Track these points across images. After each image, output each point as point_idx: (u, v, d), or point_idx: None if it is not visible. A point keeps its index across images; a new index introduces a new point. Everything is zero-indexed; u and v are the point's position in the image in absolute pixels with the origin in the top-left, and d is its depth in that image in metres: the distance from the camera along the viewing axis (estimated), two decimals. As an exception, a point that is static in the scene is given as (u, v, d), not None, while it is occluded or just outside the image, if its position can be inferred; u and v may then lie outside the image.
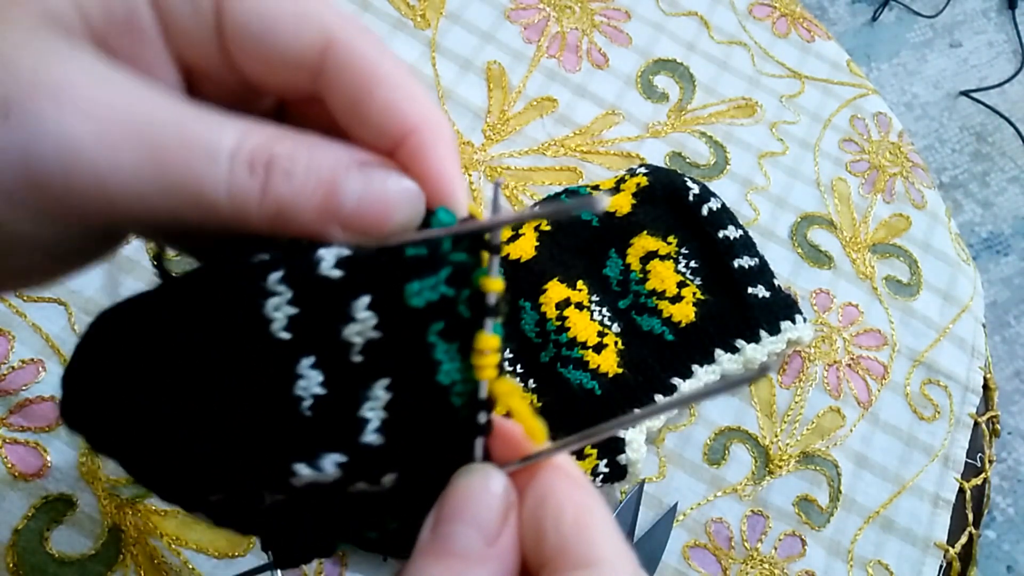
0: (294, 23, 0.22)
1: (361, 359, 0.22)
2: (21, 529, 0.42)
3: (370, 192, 0.21)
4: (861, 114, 0.66)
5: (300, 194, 0.20)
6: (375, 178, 0.21)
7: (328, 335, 0.21)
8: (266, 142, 0.20)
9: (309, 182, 0.20)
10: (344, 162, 0.21)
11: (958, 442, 0.56)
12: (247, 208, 0.20)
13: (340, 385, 0.21)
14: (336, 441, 0.21)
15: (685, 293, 0.52)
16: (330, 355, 0.21)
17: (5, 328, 0.46)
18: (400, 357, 0.22)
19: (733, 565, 0.49)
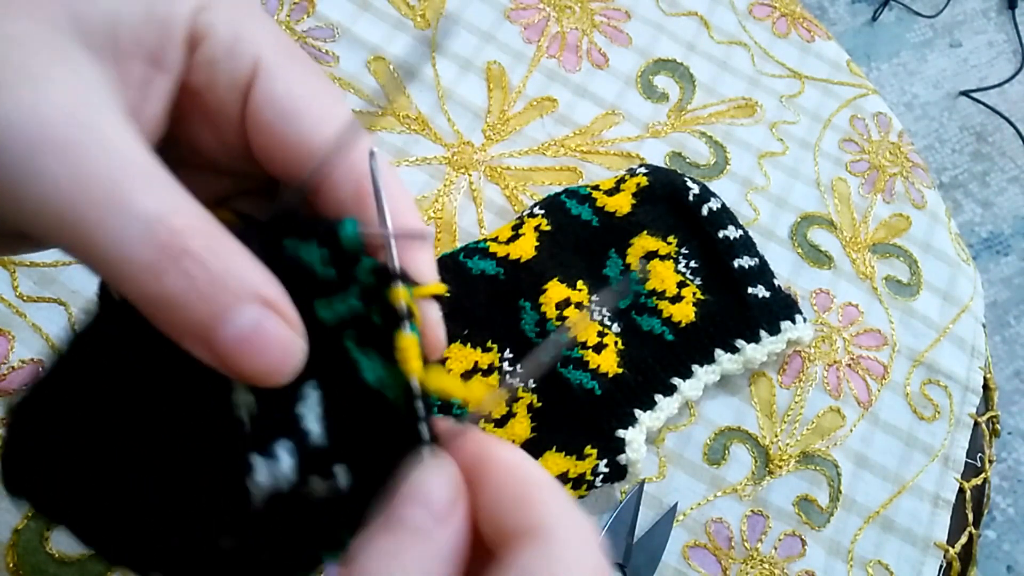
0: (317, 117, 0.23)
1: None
2: (21, 529, 0.42)
3: (253, 334, 0.20)
4: (861, 114, 0.66)
5: (186, 299, 0.20)
6: (267, 322, 0.20)
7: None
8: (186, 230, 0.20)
9: (204, 294, 0.20)
10: (249, 291, 0.20)
11: (958, 442, 0.56)
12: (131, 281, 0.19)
13: (272, 402, 0.22)
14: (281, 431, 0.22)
15: (685, 293, 0.52)
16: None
17: (5, 328, 0.45)
18: (321, 361, 0.22)
19: (733, 565, 0.49)
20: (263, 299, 0.21)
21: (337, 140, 0.22)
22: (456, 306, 0.49)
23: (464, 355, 0.48)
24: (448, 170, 0.56)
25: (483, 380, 0.48)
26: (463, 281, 0.50)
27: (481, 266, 0.50)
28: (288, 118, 0.23)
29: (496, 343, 0.49)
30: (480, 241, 0.52)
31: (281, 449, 0.22)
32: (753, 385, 0.54)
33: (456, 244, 0.53)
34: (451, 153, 0.57)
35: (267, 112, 0.23)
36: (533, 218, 0.52)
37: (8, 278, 0.47)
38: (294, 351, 0.21)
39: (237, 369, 0.20)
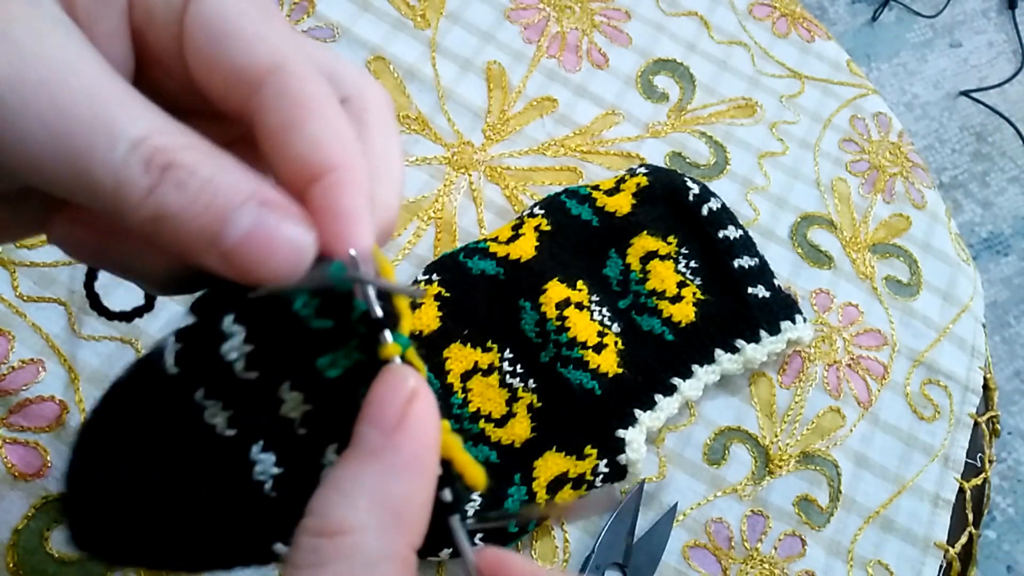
0: (250, 37, 0.21)
1: (305, 431, 0.23)
2: (21, 529, 0.42)
3: (257, 232, 0.20)
4: (861, 114, 0.66)
5: (186, 210, 0.20)
6: (268, 219, 0.20)
7: (267, 420, 0.22)
8: (173, 145, 0.20)
9: (199, 200, 0.20)
10: (244, 193, 0.20)
11: (958, 442, 0.56)
12: (128, 202, 0.19)
13: (295, 459, 0.22)
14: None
15: (685, 293, 0.52)
16: (276, 436, 0.22)
17: (5, 328, 0.46)
18: (340, 421, 0.22)
19: (733, 565, 0.49)
20: (260, 198, 0.20)
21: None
22: (456, 306, 0.49)
23: (464, 355, 0.48)
24: (448, 170, 0.56)
25: (483, 380, 0.48)
26: (463, 281, 0.50)
27: (481, 266, 0.50)
28: (220, 38, 0.22)
29: (496, 343, 0.49)
30: (480, 241, 0.52)
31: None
32: (753, 385, 0.54)
33: (456, 244, 0.53)
34: (451, 153, 0.57)
35: (199, 36, 0.22)
36: (533, 218, 0.52)
37: (8, 278, 0.47)
38: (303, 244, 0.21)
39: (251, 271, 0.20)
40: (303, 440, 0.22)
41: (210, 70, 0.22)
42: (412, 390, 0.21)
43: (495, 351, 0.49)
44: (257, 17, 0.22)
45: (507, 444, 0.47)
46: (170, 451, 0.22)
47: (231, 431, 0.22)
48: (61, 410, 0.44)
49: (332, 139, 0.22)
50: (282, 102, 0.22)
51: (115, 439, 0.22)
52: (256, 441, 0.22)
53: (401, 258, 0.53)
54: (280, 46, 0.22)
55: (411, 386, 0.21)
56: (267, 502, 0.22)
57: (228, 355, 0.21)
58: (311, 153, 0.21)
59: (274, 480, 0.22)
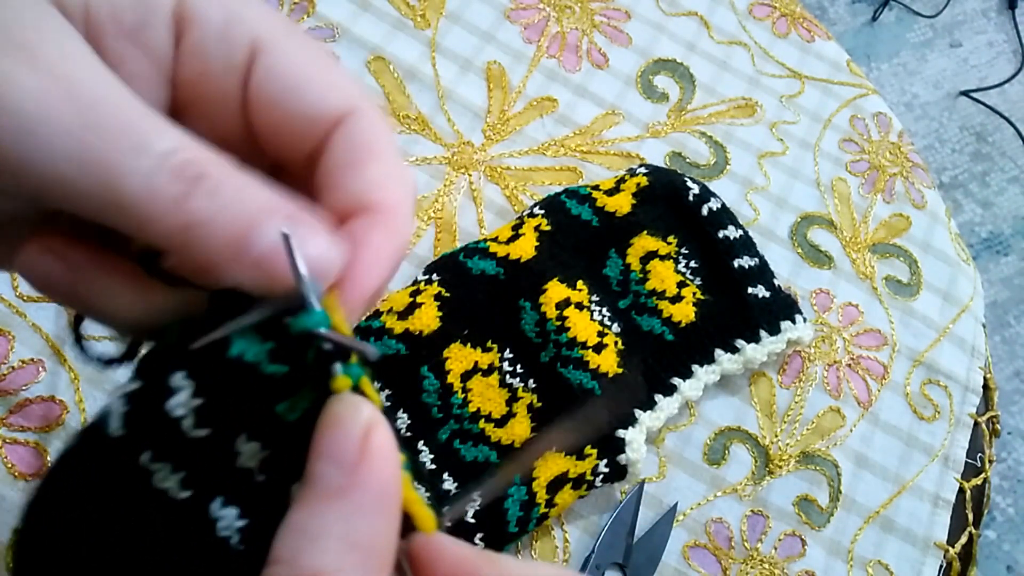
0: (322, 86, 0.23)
1: (265, 476, 0.21)
2: (21, 529, 0.42)
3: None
4: (861, 114, 0.66)
5: (217, 217, 0.20)
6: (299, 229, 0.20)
7: (223, 474, 0.21)
8: (203, 158, 0.20)
9: (231, 209, 0.20)
10: (273, 206, 0.20)
11: (958, 442, 0.56)
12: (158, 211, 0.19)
13: (259, 508, 0.21)
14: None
15: (685, 293, 0.52)
16: (235, 488, 0.21)
17: (5, 328, 0.46)
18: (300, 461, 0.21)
19: (733, 565, 0.49)
20: (288, 212, 0.21)
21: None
22: (456, 306, 0.49)
23: (464, 355, 0.48)
24: (448, 170, 0.56)
25: (483, 380, 0.48)
26: (463, 281, 0.50)
27: (481, 266, 0.50)
28: (293, 91, 0.22)
29: (496, 343, 0.49)
30: (480, 241, 0.52)
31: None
32: (753, 385, 0.54)
33: (456, 244, 0.53)
34: (451, 153, 0.57)
35: (270, 89, 0.22)
36: (533, 218, 0.52)
37: (8, 278, 0.47)
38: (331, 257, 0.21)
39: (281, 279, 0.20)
40: (264, 486, 0.21)
41: (281, 120, 0.23)
42: (367, 421, 0.20)
43: (495, 351, 0.49)
44: (325, 66, 0.23)
45: (507, 444, 0.47)
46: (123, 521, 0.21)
47: (185, 493, 0.21)
48: (61, 410, 0.44)
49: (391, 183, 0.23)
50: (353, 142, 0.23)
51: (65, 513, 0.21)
52: (214, 498, 0.21)
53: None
54: (349, 91, 0.23)
55: (366, 417, 0.20)
56: (236, 556, 0.21)
57: (175, 411, 0.20)
58: (366, 193, 0.23)
59: (241, 533, 0.21)
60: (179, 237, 0.20)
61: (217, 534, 0.21)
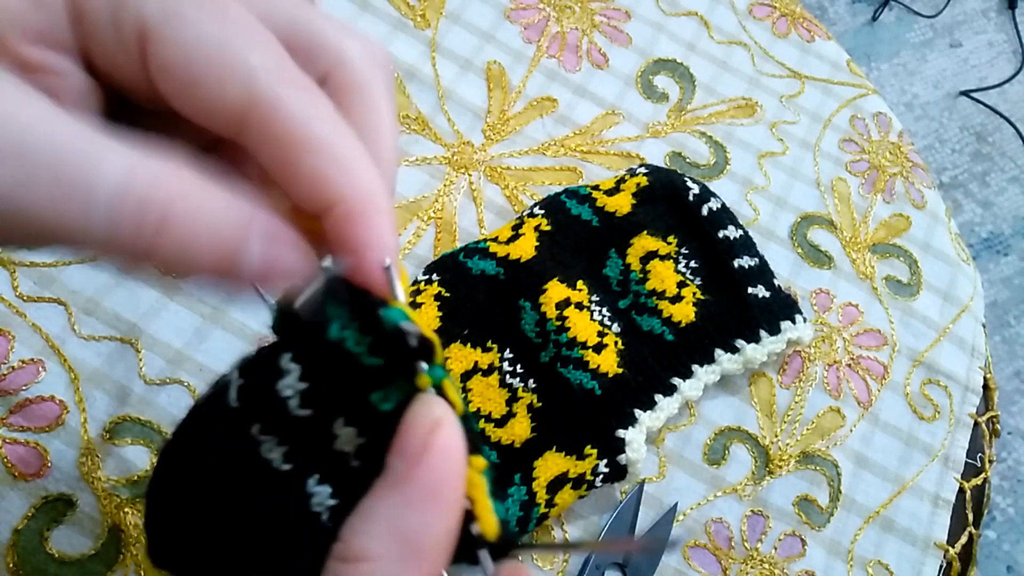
0: (216, 78, 0.20)
1: (359, 462, 0.23)
2: (21, 529, 0.42)
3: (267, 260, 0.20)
4: (861, 114, 0.66)
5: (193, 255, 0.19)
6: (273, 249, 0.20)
7: (322, 453, 0.23)
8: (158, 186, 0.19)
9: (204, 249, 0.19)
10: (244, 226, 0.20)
11: (958, 442, 0.56)
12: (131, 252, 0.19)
13: (349, 491, 0.22)
14: None
15: (685, 293, 0.52)
16: (331, 468, 0.23)
17: (5, 328, 0.46)
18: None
19: (733, 565, 0.49)
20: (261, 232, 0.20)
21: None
22: (456, 306, 0.49)
23: (464, 355, 0.48)
24: (448, 170, 0.56)
25: (483, 380, 0.48)
26: (463, 281, 0.50)
27: (481, 266, 0.50)
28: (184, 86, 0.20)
29: (496, 343, 0.49)
30: (480, 241, 0.52)
31: None
32: (753, 385, 0.54)
33: (456, 244, 0.53)
34: (451, 153, 0.57)
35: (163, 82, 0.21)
36: (533, 218, 0.52)
37: (8, 278, 0.47)
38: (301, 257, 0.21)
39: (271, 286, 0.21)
40: (357, 472, 0.23)
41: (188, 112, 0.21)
42: (435, 420, 0.21)
43: (495, 351, 0.49)
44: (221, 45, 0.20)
45: (507, 444, 0.47)
46: (234, 481, 0.23)
47: (287, 466, 0.23)
48: (61, 410, 0.44)
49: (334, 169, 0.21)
50: (266, 143, 0.21)
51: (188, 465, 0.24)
52: (312, 474, 0.23)
53: (401, 258, 0.53)
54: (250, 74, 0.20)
55: (435, 415, 0.21)
56: (324, 532, 0.23)
57: (283, 392, 0.22)
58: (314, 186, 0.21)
59: (330, 511, 0.23)
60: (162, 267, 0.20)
61: (311, 508, 0.23)
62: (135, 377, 0.46)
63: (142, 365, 0.46)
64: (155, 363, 0.46)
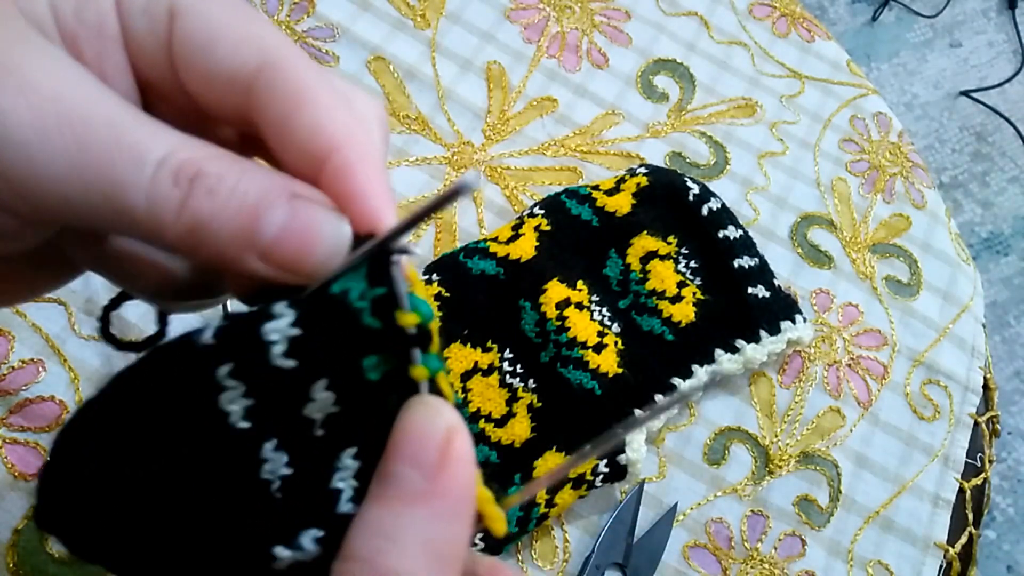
0: (234, 41, 0.22)
1: (323, 432, 0.21)
2: (21, 529, 0.42)
3: (293, 225, 0.20)
4: (861, 114, 0.66)
5: (219, 215, 0.20)
6: (301, 211, 0.20)
7: (288, 416, 0.21)
8: (197, 157, 0.20)
9: (231, 204, 0.20)
10: (274, 190, 0.20)
11: (958, 442, 0.56)
12: (163, 219, 0.20)
13: (306, 461, 0.21)
14: (311, 517, 0.21)
15: (685, 293, 0.52)
16: (292, 435, 0.21)
17: (5, 328, 0.46)
18: (363, 425, 0.21)
19: (733, 565, 0.49)
20: (290, 193, 0.20)
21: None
22: (456, 306, 0.49)
23: (464, 355, 0.48)
24: (448, 170, 0.56)
25: (483, 380, 0.48)
26: (463, 281, 0.50)
27: (481, 266, 0.50)
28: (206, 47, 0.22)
29: (496, 343, 0.49)
30: (480, 241, 0.52)
31: (307, 539, 0.21)
32: (753, 385, 0.54)
33: (456, 244, 0.53)
34: (451, 153, 0.57)
35: (187, 51, 0.22)
36: (533, 218, 0.52)
37: (8, 278, 0.47)
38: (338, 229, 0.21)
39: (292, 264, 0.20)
40: (319, 442, 0.21)
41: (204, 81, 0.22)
42: (450, 428, 0.21)
43: (495, 351, 0.49)
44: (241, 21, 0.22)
45: (507, 444, 0.47)
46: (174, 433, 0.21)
47: (245, 423, 0.21)
48: (61, 410, 0.44)
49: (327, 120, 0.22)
50: (273, 95, 0.22)
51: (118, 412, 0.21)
52: (270, 438, 0.21)
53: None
54: (266, 43, 0.22)
55: (449, 423, 0.21)
56: (271, 502, 0.21)
57: (269, 335, 0.20)
58: (310, 139, 0.21)
59: (282, 480, 0.21)
60: (188, 240, 0.20)
61: (260, 475, 0.21)
62: (135, 377, 0.46)
63: (142, 365, 0.46)
64: (155, 363, 0.46)
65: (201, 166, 0.20)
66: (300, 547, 0.21)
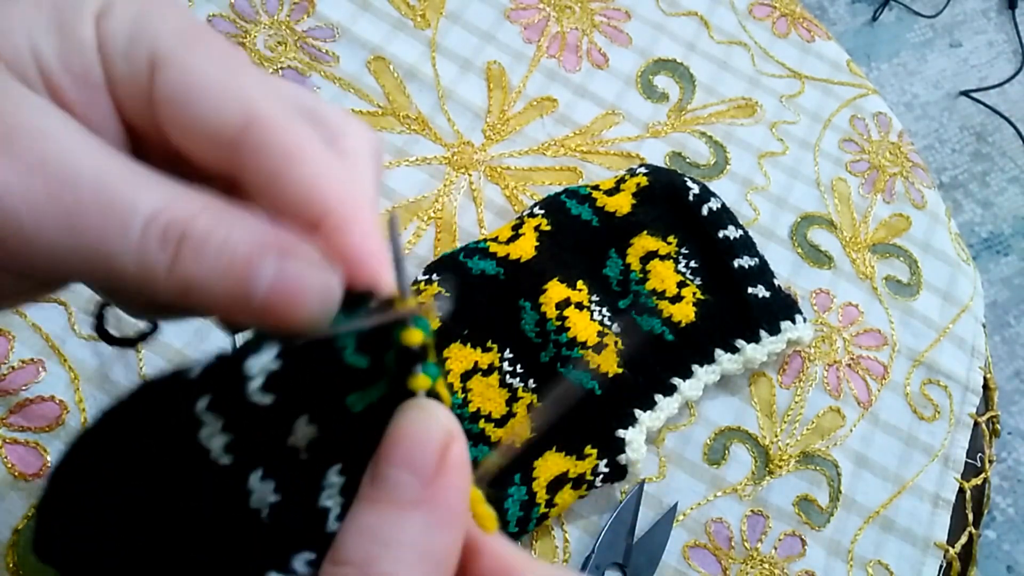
0: (217, 97, 0.21)
1: (308, 455, 0.21)
2: (21, 529, 0.42)
3: (283, 282, 0.20)
4: (861, 114, 0.66)
5: (208, 276, 0.20)
6: (291, 267, 0.20)
7: (271, 447, 0.21)
8: (184, 216, 0.19)
9: (220, 263, 0.20)
10: (262, 245, 0.20)
11: (958, 442, 0.56)
12: (154, 280, 0.20)
13: (293, 485, 0.21)
14: (302, 539, 0.21)
15: (685, 293, 0.52)
16: (277, 463, 0.21)
17: (5, 328, 0.46)
18: (347, 445, 0.21)
19: (733, 565, 0.49)
20: (279, 248, 0.20)
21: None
22: (456, 306, 0.49)
23: (464, 355, 0.48)
24: (448, 170, 0.56)
25: (483, 380, 0.48)
26: (463, 281, 0.50)
27: (481, 266, 0.50)
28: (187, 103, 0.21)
29: (496, 343, 0.49)
30: (480, 241, 0.52)
31: (299, 563, 0.21)
32: (753, 385, 0.54)
33: (456, 244, 0.53)
34: (451, 153, 0.57)
35: (166, 104, 0.21)
36: (533, 218, 0.52)
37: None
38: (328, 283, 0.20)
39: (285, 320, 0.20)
40: (305, 464, 0.21)
41: (187, 137, 0.22)
42: (448, 433, 0.20)
43: (495, 351, 0.49)
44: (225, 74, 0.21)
45: (507, 444, 0.47)
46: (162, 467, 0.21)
47: (227, 458, 0.21)
48: (61, 410, 0.44)
49: (318, 182, 0.21)
50: (260, 157, 0.21)
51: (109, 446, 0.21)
52: (255, 469, 0.21)
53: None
54: (250, 98, 0.21)
55: (446, 428, 0.20)
56: (262, 529, 0.21)
57: (248, 371, 0.20)
58: (301, 203, 0.21)
59: (271, 507, 0.21)
60: (181, 298, 0.20)
61: (249, 505, 0.21)
62: (135, 377, 0.46)
63: (142, 365, 0.46)
64: (155, 363, 0.46)
65: (187, 227, 0.19)
66: (293, 571, 0.21)
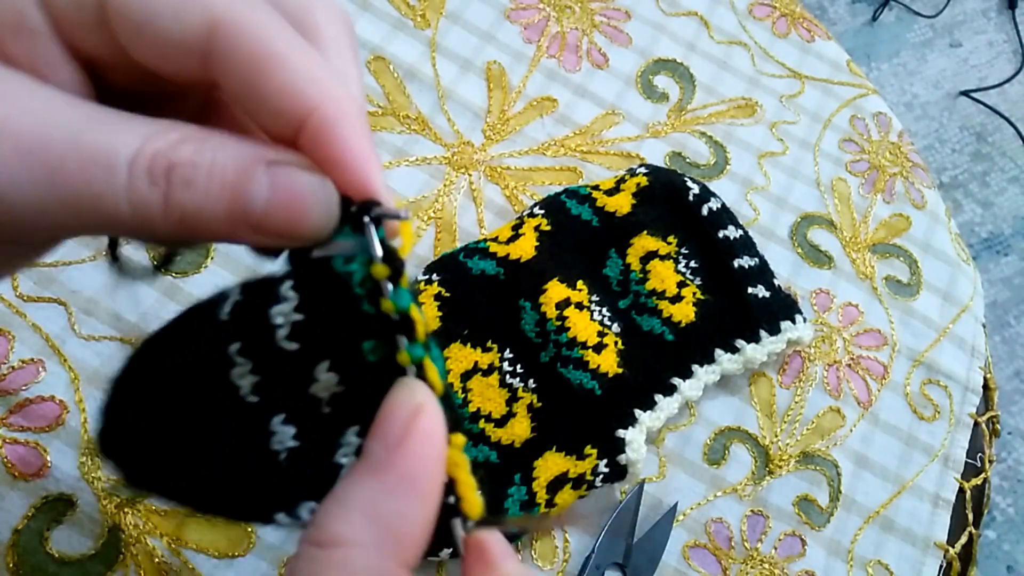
0: (174, 6, 0.20)
1: (330, 410, 0.22)
2: (21, 529, 0.42)
3: (278, 192, 0.20)
4: (861, 114, 0.66)
5: (204, 202, 0.19)
6: (282, 176, 0.20)
7: (294, 393, 0.22)
8: (165, 147, 0.19)
9: (212, 188, 0.19)
10: (248, 162, 0.20)
11: (958, 442, 0.56)
12: (151, 219, 0.19)
13: (313, 436, 0.22)
14: (313, 489, 0.22)
15: (685, 293, 0.52)
16: (299, 410, 0.22)
17: (5, 328, 0.46)
18: (366, 405, 0.22)
19: (733, 565, 0.49)
20: (266, 160, 0.20)
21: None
22: (456, 306, 0.49)
23: (464, 355, 0.48)
24: (448, 170, 0.56)
25: (483, 380, 0.48)
26: (463, 281, 0.50)
27: (481, 266, 0.50)
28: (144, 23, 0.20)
29: (496, 343, 0.49)
30: (480, 241, 0.52)
31: (305, 511, 0.22)
32: (753, 385, 0.54)
33: (456, 244, 0.53)
34: (451, 153, 0.57)
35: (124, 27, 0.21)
36: (533, 218, 0.52)
37: (8, 278, 0.47)
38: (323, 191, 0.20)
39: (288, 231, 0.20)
40: (326, 418, 0.22)
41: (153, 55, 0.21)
42: (417, 405, 0.21)
43: (495, 351, 0.49)
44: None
45: (507, 444, 0.47)
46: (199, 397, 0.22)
47: (254, 397, 0.22)
48: (61, 410, 0.44)
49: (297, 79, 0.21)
50: (233, 60, 0.21)
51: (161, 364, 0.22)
52: (279, 412, 0.22)
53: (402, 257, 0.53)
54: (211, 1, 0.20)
55: (416, 400, 0.21)
56: (279, 471, 0.22)
57: (275, 319, 0.21)
58: (282, 104, 0.21)
59: (289, 452, 0.22)
60: (182, 232, 0.20)
61: (271, 446, 0.22)
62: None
63: (142, 365, 0.46)
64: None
65: (171, 157, 0.19)
66: (298, 517, 0.22)
